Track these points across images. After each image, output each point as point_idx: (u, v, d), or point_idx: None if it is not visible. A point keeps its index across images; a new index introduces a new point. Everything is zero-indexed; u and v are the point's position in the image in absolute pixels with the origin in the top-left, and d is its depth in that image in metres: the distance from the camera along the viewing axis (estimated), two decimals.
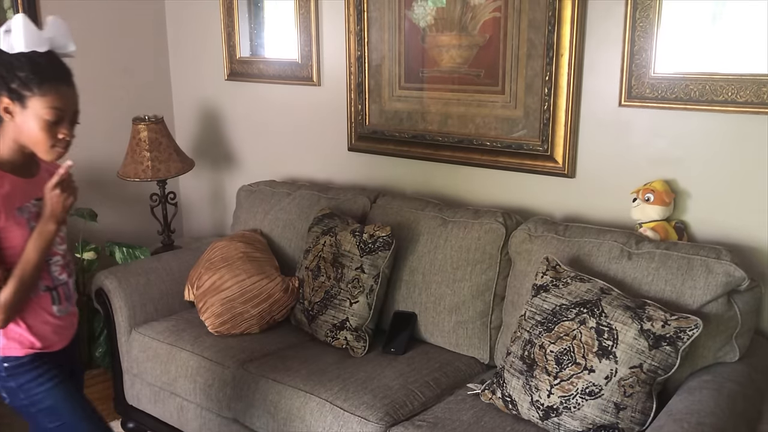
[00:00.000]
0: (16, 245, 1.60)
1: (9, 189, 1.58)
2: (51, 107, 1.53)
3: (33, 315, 1.67)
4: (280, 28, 3.14)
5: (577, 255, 2.10)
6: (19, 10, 3.00)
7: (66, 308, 1.74)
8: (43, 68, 1.53)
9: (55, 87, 1.53)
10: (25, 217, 1.61)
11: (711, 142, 2.11)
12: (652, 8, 2.11)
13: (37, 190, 1.63)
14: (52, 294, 1.70)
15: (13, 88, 1.52)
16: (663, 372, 1.78)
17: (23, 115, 1.54)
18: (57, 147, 1.58)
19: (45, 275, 1.68)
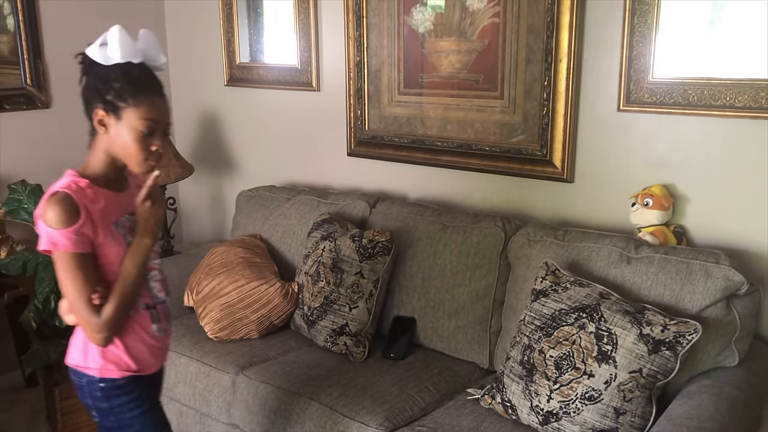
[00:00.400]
0: (113, 261, 1.55)
1: (105, 204, 1.55)
2: (145, 118, 1.50)
3: (131, 335, 1.61)
4: (279, 33, 3.15)
5: (577, 260, 2.10)
6: (19, 16, 3.01)
7: (164, 327, 1.68)
8: (137, 79, 1.51)
9: (148, 98, 1.52)
10: (121, 232, 1.57)
11: (709, 146, 2.11)
12: (650, 13, 2.11)
13: (128, 204, 1.60)
14: (152, 312, 1.64)
15: (108, 100, 1.50)
16: (662, 377, 1.78)
17: (117, 127, 1.51)
18: (149, 160, 1.54)
19: (144, 292, 1.63)
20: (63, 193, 1.49)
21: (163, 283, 1.71)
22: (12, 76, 3.08)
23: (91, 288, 1.50)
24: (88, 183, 1.54)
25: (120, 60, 1.50)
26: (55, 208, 1.47)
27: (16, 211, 2.75)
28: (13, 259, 2.66)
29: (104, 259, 1.55)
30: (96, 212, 1.51)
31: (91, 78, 1.54)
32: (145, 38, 1.57)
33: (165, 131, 1.57)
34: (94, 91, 1.52)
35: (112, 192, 1.59)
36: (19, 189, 2.78)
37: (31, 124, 3.12)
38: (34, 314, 2.68)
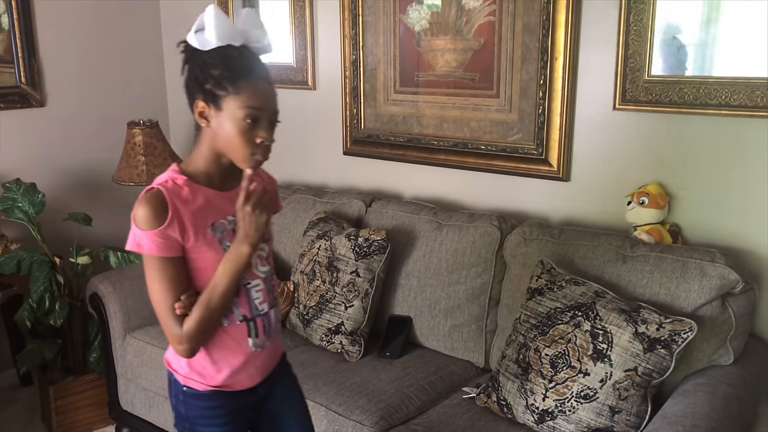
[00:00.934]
0: (206, 267, 1.39)
1: (202, 203, 1.39)
2: (247, 107, 1.33)
3: (222, 348, 1.45)
4: (275, 32, 3.14)
5: (572, 258, 2.10)
6: (13, 14, 3.00)
7: (263, 342, 1.49)
8: (237, 64, 1.34)
9: (250, 83, 1.34)
10: (218, 236, 1.40)
11: (705, 145, 2.11)
12: (645, 12, 2.11)
13: (233, 206, 1.41)
14: (249, 325, 1.46)
15: (207, 89, 1.35)
16: (658, 375, 1.78)
17: (218, 118, 1.36)
18: (255, 154, 1.37)
19: (243, 303, 1.45)
20: (156, 190, 1.36)
21: (269, 294, 1.50)
22: (6, 75, 3.07)
23: (176, 295, 1.36)
24: (186, 180, 1.40)
25: (217, 43, 1.34)
26: (144, 207, 1.34)
27: (11, 209, 2.74)
28: (7, 258, 2.66)
29: (195, 263, 1.39)
30: (188, 213, 1.36)
31: (190, 67, 1.39)
32: (245, 18, 1.39)
33: (272, 121, 1.39)
34: (194, 80, 1.37)
35: (214, 191, 1.42)
36: (14, 188, 2.77)
37: (25, 122, 3.11)
38: (29, 313, 2.67)
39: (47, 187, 2.93)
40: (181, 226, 1.35)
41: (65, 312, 2.70)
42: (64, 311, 2.69)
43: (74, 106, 3.25)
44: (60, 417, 2.77)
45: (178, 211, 1.35)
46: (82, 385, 2.81)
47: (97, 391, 2.84)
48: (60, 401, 2.77)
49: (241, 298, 1.44)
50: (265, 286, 1.49)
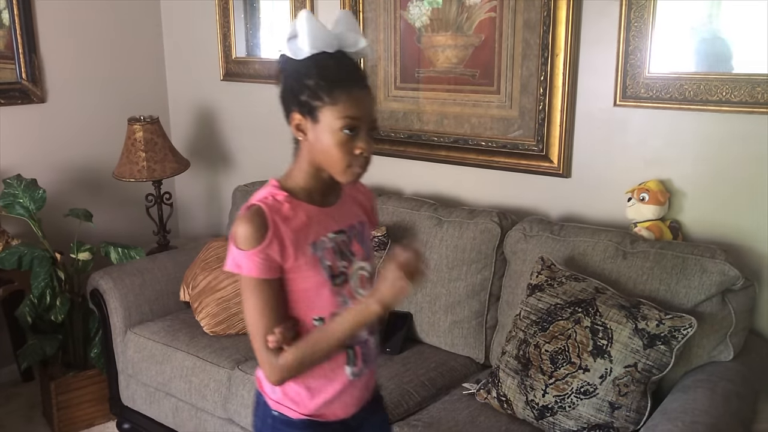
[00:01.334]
0: (305, 288, 1.31)
1: (303, 220, 1.31)
2: (345, 117, 1.26)
3: (319, 375, 1.36)
4: (275, 28, 3.14)
5: (572, 254, 2.10)
6: (14, 10, 3.00)
7: (360, 371, 1.40)
8: (332, 71, 1.27)
9: (346, 92, 1.26)
10: (318, 254, 1.32)
11: (706, 141, 2.11)
12: (646, 8, 2.11)
13: (336, 221, 1.36)
14: (348, 353, 1.37)
15: (303, 101, 1.28)
16: (658, 371, 1.78)
17: (315, 131, 1.28)
18: (353, 166, 1.29)
19: None
20: (257, 207, 1.28)
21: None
22: (7, 71, 3.07)
23: (272, 320, 1.28)
24: (287, 196, 1.32)
25: (310, 51, 1.27)
26: (245, 225, 1.26)
27: (11, 205, 2.74)
28: (8, 254, 2.66)
29: (293, 285, 1.31)
30: (289, 231, 1.28)
31: (284, 78, 1.32)
32: (341, 21, 1.31)
33: (370, 130, 1.30)
34: (289, 92, 1.31)
35: (315, 207, 1.34)
36: (15, 183, 2.77)
37: (26, 118, 3.11)
38: (30, 309, 2.67)
39: (48, 183, 2.93)
40: (281, 245, 1.27)
41: (66, 308, 2.70)
42: (64, 307, 2.70)
43: (75, 102, 3.25)
44: (61, 412, 2.78)
45: (279, 229, 1.27)
46: (83, 381, 2.82)
47: (98, 387, 2.84)
48: (61, 397, 2.77)
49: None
50: None
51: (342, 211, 1.39)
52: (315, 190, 1.35)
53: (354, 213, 1.42)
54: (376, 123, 1.32)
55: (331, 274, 1.33)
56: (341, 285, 1.34)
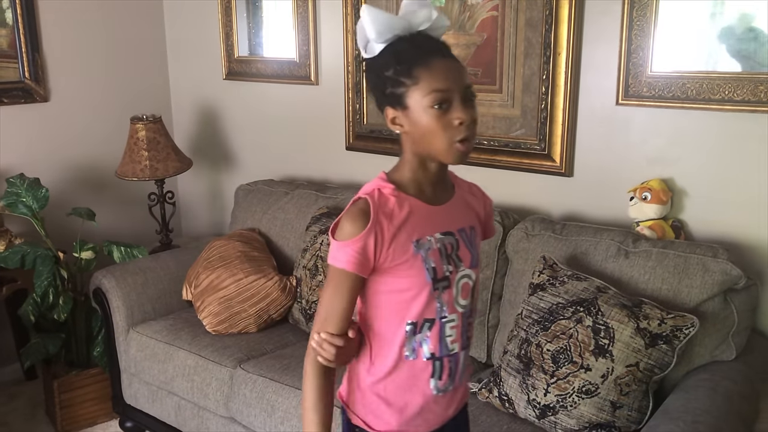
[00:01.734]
0: (402, 289, 1.25)
1: (408, 216, 1.24)
2: (430, 92, 1.18)
3: (402, 387, 1.29)
4: (278, 27, 3.14)
5: (574, 254, 2.10)
6: (17, 9, 3.01)
7: (445, 386, 1.31)
8: (407, 53, 1.20)
9: (426, 67, 1.19)
10: (422, 254, 1.24)
11: (708, 140, 2.11)
12: (649, 7, 2.11)
13: (445, 221, 1.28)
14: (434, 365, 1.29)
15: (388, 94, 1.23)
16: (659, 370, 1.78)
17: (409, 118, 1.22)
18: (456, 142, 1.20)
19: (434, 339, 1.27)
20: (362, 200, 1.23)
21: (463, 333, 1.31)
22: (10, 70, 3.07)
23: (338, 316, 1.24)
24: (394, 189, 1.25)
25: (381, 42, 1.22)
26: (346, 218, 1.22)
27: (14, 204, 2.75)
28: (11, 253, 2.66)
29: (387, 285, 1.25)
30: (391, 227, 1.22)
31: (370, 80, 1.28)
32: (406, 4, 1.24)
33: (466, 97, 1.21)
34: (375, 91, 1.27)
35: (424, 204, 1.26)
36: (18, 182, 2.78)
37: (29, 117, 3.12)
38: (33, 308, 2.68)
39: (51, 182, 2.94)
40: (379, 240, 1.21)
41: (69, 306, 2.71)
42: (67, 306, 2.71)
43: (78, 101, 3.26)
44: (64, 411, 2.79)
45: (381, 223, 1.21)
46: (86, 379, 2.82)
47: (100, 385, 2.85)
48: (64, 395, 2.78)
49: (432, 332, 1.27)
50: (460, 323, 1.30)
51: (453, 211, 1.31)
52: (424, 185, 1.27)
53: (466, 216, 1.34)
54: (471, 88, 1.22)
55: (434, 277, 1.24)
56: (442, 291, 1.26)
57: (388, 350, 1.28)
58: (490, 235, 1.47)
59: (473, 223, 1.35)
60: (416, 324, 1.25)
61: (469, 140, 1.21)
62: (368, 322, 1.29)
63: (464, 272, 1.30)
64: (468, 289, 1.30)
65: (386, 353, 1.28)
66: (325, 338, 1.25)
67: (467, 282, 1.30)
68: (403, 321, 1.25)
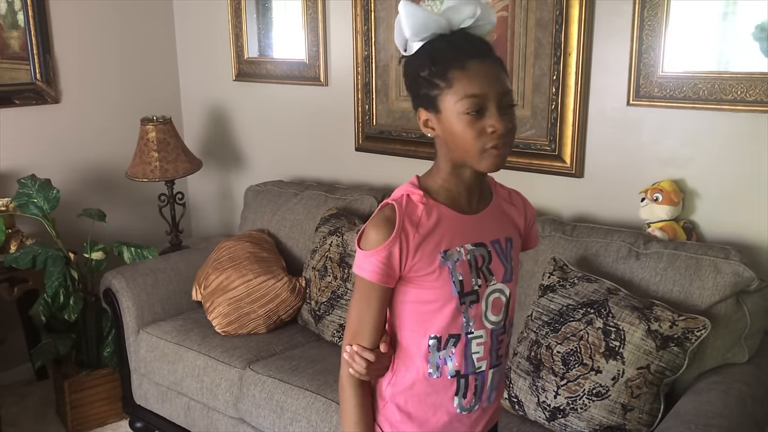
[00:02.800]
0: (425, 301, 1.20)
1: (437, 225, 1.19)
2: (464, 97, 1.12)
3: (424, 403, 1.25)
4: (287, 28, 3.15)
5: (585, 255, 2.09)
6: (29, 12, 3.02)
7: (470, 405, 1.26)
8: (443, 53, 1.14)
9: (461, 70, 1.12)
10: (449, 265, 1.19)
11: (720, 141, 2.09)
12: (660, 7, 2.09)
13: (478, 231, 1.22)
14: (459, 382, 1.24)
15: (422, 95, 1.17)
16: (671, 373, 1.76)
17: (441, 123, 1.16)
18: (488, 150, 1.14)
19: (459, 355, 1.22)
20: (389, 206, 1.19)
21: (492, 351, 1.25)
22: (22, 72, 3.10)
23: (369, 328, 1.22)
24: (423, 196, 1.20)
25: (418, 40, 1.16)
26: (371, 226, 1.18)
27: (26, 205, 2.76)
28: (22, 253, 2.68)
29: (411, 295, 1.20)
30: (417, 235, 1.17)
31: (406, 79, 1.22)
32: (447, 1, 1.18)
33: (502, 104, 1.14)
34: (411, 91, 1.21)
35: (454, 212, 1.21)
36: (29, 183, 2.80)
37: (40, 119, 3.13)
38: (44, 308, 2.69)
39: (62, 183, 2.96)
40: (404, 250, 1.16)
41: (79, 307, 2.72)
42: (78, 306, 2.72)
43: (88, 102, 3.28)
44: (74, 411, 2.80)
45: (407, 231, 1.17)
46: (96, 380, 2.84)
47: (110, 386, 2.86)
48: (74, 395, 2.79)
49: (457, 349, 1.22)
50: (489, 340, 1.24)
51: (488, 221, 1.24)
52: (458, 193, 1.22)
53: (502, 226, 1.27)
54: (510, 95, 1.15)
55: (460, 290, 1.19)
56: (469, 305, 1.20)
57: (410, 363, 1.24)
58: (533, 245, 1.39)
59: (511, 234, 1.28)
60: (440, 339, 1.21)
61: (503, 147, 1.14)
62: (393, 332, 1.25)
63: (495, 287, 1.24)
64: (500, 305, 1.24)
65: (409, 365, 1.24)
66: (357, 351, 1.22)
67: (499, 297, 1.24)
68: (427, 334, 1.21)
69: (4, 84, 3.08)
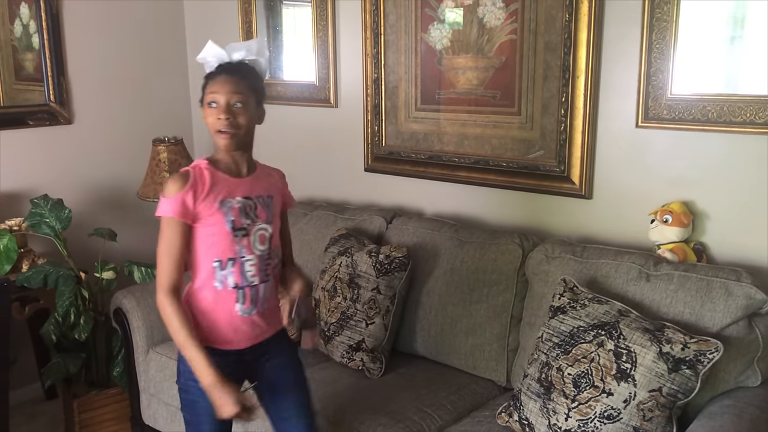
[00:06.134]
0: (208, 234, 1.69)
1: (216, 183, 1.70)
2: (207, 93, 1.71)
3: (212, 309, 1.72)
4: (298, 51, 3.18)
5: (595, 276, 2.08)
6: (44, 34, 3.07)
7: (249, 310, 1.74)
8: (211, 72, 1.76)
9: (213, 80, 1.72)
10: (224, 210, 1.69)
11: (730, 163, 2.09)
12: (668, 30, 2.11)
13: (245, 189, 1.73)
14: (238, 293, 1.72)
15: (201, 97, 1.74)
16: (683, 396, 1.75)
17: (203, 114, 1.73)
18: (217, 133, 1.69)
19: (237, 273, 1.71)
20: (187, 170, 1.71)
21: (260, 270, 1.74)
22: (36, 93, 3.14)
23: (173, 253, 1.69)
24: (207, 164, 1.72)
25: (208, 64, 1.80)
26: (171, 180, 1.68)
27: (38, 225, 2.79)
28: (34, 273, 2.70)
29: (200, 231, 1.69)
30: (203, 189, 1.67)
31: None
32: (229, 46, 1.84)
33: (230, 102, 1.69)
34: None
35: (229, 176, 1.73)
36: (41, 203, 2.82)
37: (53, 139, 3.17)
38: (54, 327, 2.71)
39: (74, 203, 2.98)
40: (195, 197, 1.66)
41: (90, 326, 2.73)
42: (88, 325, 2.73)
43: (101, 123, 3.31)
44: (83, 430, 2.80)
45: (196, 185, 1.67)
46: (106, 399, 2.84)
47: (120, 405, 2.86)
48: (83, 415, 2.79)
49: (235, 268, 1.71)
50: (258, 262, 1.73)
51: (253, 183, 1.76)
52: (230, 163, 1.75)
53: (264, 187, 1.78)
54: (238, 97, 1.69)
55: (233, 227, 1.69)
56: (241, 237, 1.70)
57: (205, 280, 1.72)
58: (291, 204, 1.95)
59: (271, 193, 1.80)
60: (221, 261, 1.70)
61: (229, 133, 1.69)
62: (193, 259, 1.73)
63: (260, 226, 1.74)
64: (264, 238, 1.75)
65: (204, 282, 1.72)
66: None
67: (263, 233, 1.75)
68: (212, 258, 1.70)
69: (18, 105, 3.12)
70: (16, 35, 3.11)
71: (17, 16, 3.10)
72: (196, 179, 1.68)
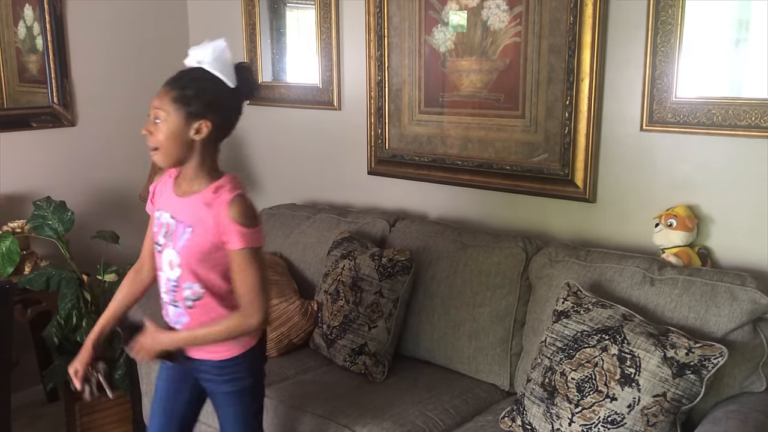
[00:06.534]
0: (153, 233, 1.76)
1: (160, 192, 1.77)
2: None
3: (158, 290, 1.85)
4: (301, 53, 3.18)
5: (599, 280, 2.07)
6: (47, 36, 3.07)
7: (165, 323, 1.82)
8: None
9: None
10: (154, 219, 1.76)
11: (735, 167, 2.08)
12: (673, 33, 2.10)
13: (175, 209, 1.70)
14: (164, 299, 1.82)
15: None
16: (687, 401, 1.74)
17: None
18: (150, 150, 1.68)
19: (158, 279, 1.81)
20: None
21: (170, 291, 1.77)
22: (39, 95, 3.14)
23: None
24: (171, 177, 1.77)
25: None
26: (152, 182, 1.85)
27: (41, 227, 2.79)
28: (36, 275, 2.69)
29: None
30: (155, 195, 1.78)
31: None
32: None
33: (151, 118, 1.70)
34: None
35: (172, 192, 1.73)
36: (44, 206, 2.82)
37: (56, 141, 3.17)
38: (57, 330, 2.70)
39: (76, 205, 2.98)
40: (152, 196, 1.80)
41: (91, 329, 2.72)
42: (90, 328, 2.71)
43: (104, 125, 3.31)
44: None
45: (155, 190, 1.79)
46: (107, 402, 2.83)
47: (121, 408, 2.85)
48: (85, 418, 2.78)
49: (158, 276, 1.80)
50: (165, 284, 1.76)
51: (182, 206, 1.68)
52: (180, 180, 1.72)
53: (189, 216, 1.66)
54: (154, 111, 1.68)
55: (154, 239, 1.74)
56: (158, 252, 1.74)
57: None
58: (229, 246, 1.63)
59: (192, 224, 1.65)
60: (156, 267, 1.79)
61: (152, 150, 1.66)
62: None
63: (170, 251, 1.69)
64: (172, 264, 1.69)
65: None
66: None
67: (171, 260, 1.69)
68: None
69: (21, 107, 3.13)
70: (20, 37, 3.12)
71: (21, 18, 3.10)
72: (158, 183, 1.79)
